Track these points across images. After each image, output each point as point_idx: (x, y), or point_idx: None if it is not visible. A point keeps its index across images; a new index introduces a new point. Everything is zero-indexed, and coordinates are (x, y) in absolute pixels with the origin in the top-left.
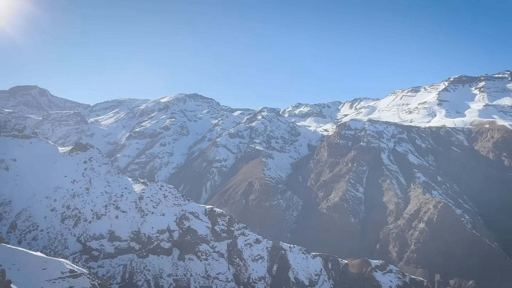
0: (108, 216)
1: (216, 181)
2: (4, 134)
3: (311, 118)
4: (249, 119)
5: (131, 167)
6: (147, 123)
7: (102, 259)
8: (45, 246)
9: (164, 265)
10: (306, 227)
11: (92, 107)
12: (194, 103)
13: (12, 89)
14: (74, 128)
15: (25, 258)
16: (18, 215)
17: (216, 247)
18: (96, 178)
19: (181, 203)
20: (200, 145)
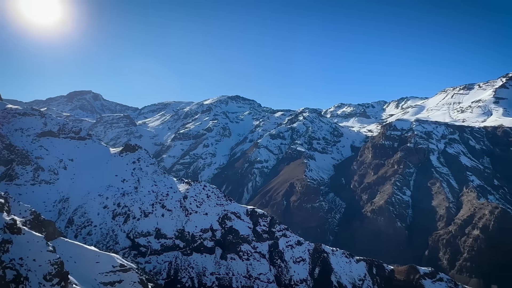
0: (154, 214)
1: (257, 182)
2: (62, 136)
3: (354, 119)
4: (290, 120)
5: (176, 167)
6: (191, 125)
7: (149, 255)
8: (98, 241)
9: (207, 264)
10: (349, 230)
11: (140, 110)
12: (236, 105)
13: (70, 94)
14: (124, 130)
15: (81, 251)
16: (75, 211)
17: (257, 248)
18: (144, 177)
19: (224, 203)
20: (242, 146)
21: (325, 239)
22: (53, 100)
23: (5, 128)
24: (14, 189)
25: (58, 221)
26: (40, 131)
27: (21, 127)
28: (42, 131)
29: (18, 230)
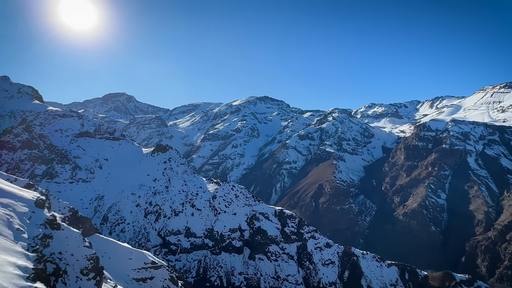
0: (184, 213)
1: (285, 183)
2: (98, 136)
3: (386, 119)
4: (319, 120)
5: (205, 168)
6: (220, 126)
7: (179, 253)
8: (131, 238)
9: (235, 263)
10: (380, 233)
11: (171, 111)
12: (265, 106)
13: (105, 96)
14: (155, 131)
15: (115, 248)
16: (109, 209)
17: (285, 249)
18: (174, 177)
19: (252, 204)
20: (270, 146)
21: (355, 242)
22: (90, 102)
23: (46, 129)
24: (54, 187)
25: (94, 218)
26: (77, 131)
27: (60, 128)
28: (79, 132)
29: (58, 226)
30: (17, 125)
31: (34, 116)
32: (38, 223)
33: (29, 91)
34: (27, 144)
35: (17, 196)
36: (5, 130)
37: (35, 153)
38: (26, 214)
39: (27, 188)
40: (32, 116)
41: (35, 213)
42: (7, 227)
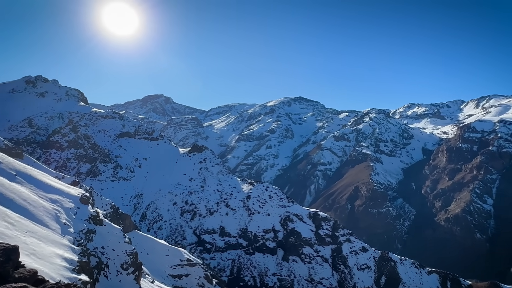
0: (219, 212)
1: (320, 185)
2: (138, 137)
3: (427, 120)
4: (355, 121)
5: (239, 168)
6: (255, 126)
7: (213, 252)
8: (167, 235)
9: (269, 264)
10: (419, 239)
11: (206, 112)
12: (299, 106)
13: (144, 98)
14: (191, 131)
15: (153, 244)
16: (148, 207)
17: (320, 252)
18: (210, 177)
19: (286, 205)
20: (305, 147)
21: (393, 247)
22: (130, 103)
23: (90, 129)
24: (97, 184)
25: (134, 215)
26: (119, 132)
27: (103, 128)
28: (120, 132)
29: (100, 222)
30: (65, 126)
31: (80, 117)
32: (83, 219)
33: (75, 93)
34: (74, 144)
35: (64, 192)
36: (54, 130)
37: (81, 152)
38: (72, 210)
39: (73, 185)
40: (78, 117)
41: (80, 209)
42: (55, 221)
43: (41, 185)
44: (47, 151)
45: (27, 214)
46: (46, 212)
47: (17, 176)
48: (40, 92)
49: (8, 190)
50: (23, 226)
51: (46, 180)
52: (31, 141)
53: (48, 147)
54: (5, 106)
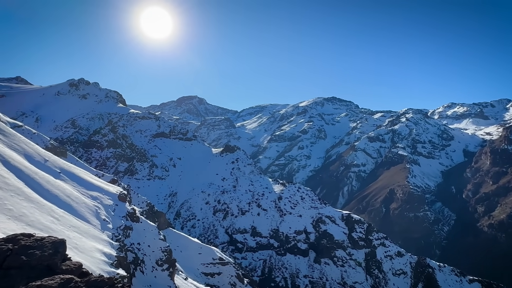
0: (251, 212)
1: (353, 186)
2: (173, 137)
3: (468, 120)
4: (391, 121)
5: (271, 168)
6: (287, 127)
7: (245, 252)
8: (200, 234)
9: (300, 266)
10: (460, 245)
11: (239, 113)
12: (332, 107)
13: (179, 99)
14: (224, 132)
15: (186, 242)
16: (182, 205)
17: (353, 255)
18: (242, 177)
19: (318, 206)
20: (338, 148)
21: (430, 253)
22: (165, 105)
23: (128, 129)
24: (134, 183)
25: (168, 213)
26: (155, 132)
27: (140, 129)
28: (156, 133)
29: (137, 219)
30: (105, 126)
31: (119, 118)
32: (121, 215)
33: (114, 95)
34: (113, 143)
35: (104, 190)
36: (95, 130)
37: (119, 151)
38: (111, 207)
39: (112, 183)
40: (117, 118)
41: (118, 206)
42: (96, 217)
43: (83, 182)
44: (88, 150)
45: (70, 209)
46: (87, 208)
47: (61, 173)
48: (82, 94)
49: (53, 187)
50: (66, 221)
51: (87, 177)
52: (74, 141)
53: (89, 146)
54: (51, 108)
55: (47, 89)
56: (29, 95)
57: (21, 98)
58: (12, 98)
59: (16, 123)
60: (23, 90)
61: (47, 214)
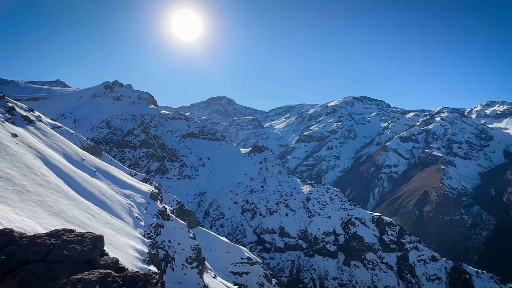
0: (279, 213)
1: (384, 188)
2: (202, 137)
3: (510, 119)
4: (424, 121)
5: (299, 169)
6: (315, 127)
7: (273, 252)
8: (229, 233)
9: (329, 267)
10: (500, 251)
11: (267, 113)
12: (362, 106)
13: (208, 100)
14: (252, 132)
15: (215, 241)
16: (210, 204)
17: (384, 258)
18: (270, 177)
19: (347, 208)
20: (368, 149)
21: (467, 258)
22: (195, 105)
23: (159, 130)
24: (165, 182)
25: (197, 212)
26: (184, 132)
27: (171, 129)
28: (186, 133)
29: (168, 217)
30: (137, 127)
31: (150, 119)
32: (152, 213)
33: (146, 96)
34: (145, 143)
35: (136, 188)
36: (128, 131)
37: (151, 151)
38: (143, 205)
39: (144, 182)
40: (149, 119)
41: (150, 204)
42: (129, 215)
43: (116, 181)
44: (122, 150)
45: (105, 207)
46: (121, 206)
47: (97, 172)
48: (116, 96)
49: (90, 185)
50: (102, 218)
51: (121, 176)
52: (108, 141)
53: (122, 146)
54: (87, 109)
55: (84, 91)
56: (67, 98)
57: (60, 100)
58: (52, 101)
59: (55, 124)
60: (62, 92)
61: (83, 211)
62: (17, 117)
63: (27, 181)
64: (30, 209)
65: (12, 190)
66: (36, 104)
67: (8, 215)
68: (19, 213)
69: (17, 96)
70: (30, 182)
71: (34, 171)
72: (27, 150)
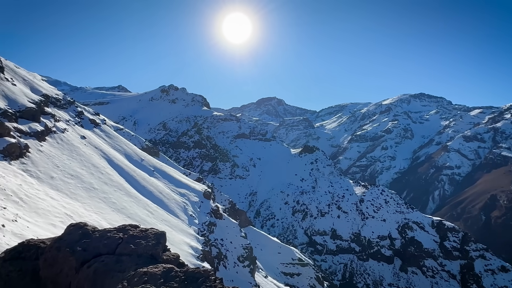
0: (330, 214)
1: (446, 191)
2: (252, 137)
3: None
4: (492, 118)
5: (352, 170)
6: (368, 126)
7: (325, 254)
8: (279, 233)
9: (384, 273)
10: None
11: (318, 113)
12: (420, 104)
13: (258, 101)
14: (303, 132)
15: (266, 241)
16: (261, 204)
17: (445, 266)
18: (321, 178)
19: (404, 211)
20: (427, 149)
21: None
22: (246, 106)
23: (211, 131)
24: (217, 181)
25: (248, 211)
26: (236, 133)
27: (222, 130)
28: (237, 134)
29: (220, 216)
30: (191, 128)
31: (203, 120)
32: (206, 212)
33: (199, 99)
34: (198, 144)
35: (191, 187)
36: (182, 132)
37: (204, 152)
38: (197, 203)
39: (198, 182)
40: (202, 120)
41: (203, 203)
42: (184, 212)
43: (172, 180)
44: (177, 150)
45: (162, 205)
46: (176, 204)
47: (154, 171)
48: (172, 99)
49: (148, 184)
50: (159, 215)
51: (176, 176)
52: (165, 142)
53: (177, 147)
54: (146, 112)
55: (143, 95)
56: (128, 102)
57: (122, 104)
58: (115, 105)
59: (118, 126)
60: (123, 97)
61: (143, 208)
62: (85, 120)
63: (94, 179)
64: (96, 205)
65: (81, 187)
66: (101, 108)
67: (78, 210)
68: (87, 209)
69: (85, 101)
70: (96, 180)
71: (100, 170)
72: (94, 151)
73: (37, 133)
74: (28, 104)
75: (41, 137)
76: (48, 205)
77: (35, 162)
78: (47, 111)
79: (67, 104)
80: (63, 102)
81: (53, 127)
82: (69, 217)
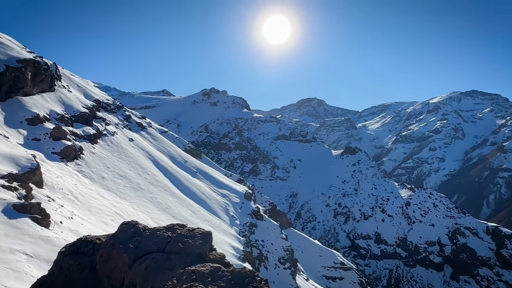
0: (374, 218)
1: (502, 195)
2: (293, 139)
3: None
4: None
5: (397, 172)
6: (415, 126)
7: (368, 259)
8: (321, 236)
9: (433, 281)
10: None
11: (360, 113)
12: (472, 101)
13: (298, 102)
14: (344, 133)
15: (307, 243)
16: (302, 206)
17: (502, 276)
18: (364, 180)
19: (455, 215)
20: (480, 150)
21: None
22: (286, 108)
23: (252, 132)
24: (257, 183)
25: (289, 213)
26: (276, 135)
27: (262, 132)
28: (277, 135)
29: (261, 217)
30: (232, 130)
31: (244, 122)
32: (246, 213)
33: (240, 101)
34: (239, 146)
35: (232, 188)
36: (224, 134)
37: (244, 153)
38: (238, 204)
39: (238, 183)
40: (242, 122)
41: (244, 204)
42: (225, 213)
43: (214, 181)
44: (218, 152)
45: (204, 205)
46: (218, 204)
47: (197, 173)
48: (213, 102)
49: (191, 184)
50: (202, 215)
51: (218, 177)
52: (207, 144)
53: (219, 148)
54: (189, 115)
55: (186, 99)
56: (172, 105)
57: (166, 107)
58: (160, 108)
59: (163, 129)
60: (167, 101)
61: (186, 208)
62: (133, 123)
63: (141, 179)
64: (143, 204)
65: (130, 187)
66: (147, 112)
67: (127, 209)
68: (135, 208)
69: (132, 105)
70: (143, 181)
71: (146, 171)
72: (141, 153)
73: (90, 136)
74: (82, 109)
75: (93, 140)
76: (100, 203)
77: (88, 164)
78: (98, 115)
79: (116, 109)
80: (112, 107)
81: (104, 131)
82: (118, 216)
